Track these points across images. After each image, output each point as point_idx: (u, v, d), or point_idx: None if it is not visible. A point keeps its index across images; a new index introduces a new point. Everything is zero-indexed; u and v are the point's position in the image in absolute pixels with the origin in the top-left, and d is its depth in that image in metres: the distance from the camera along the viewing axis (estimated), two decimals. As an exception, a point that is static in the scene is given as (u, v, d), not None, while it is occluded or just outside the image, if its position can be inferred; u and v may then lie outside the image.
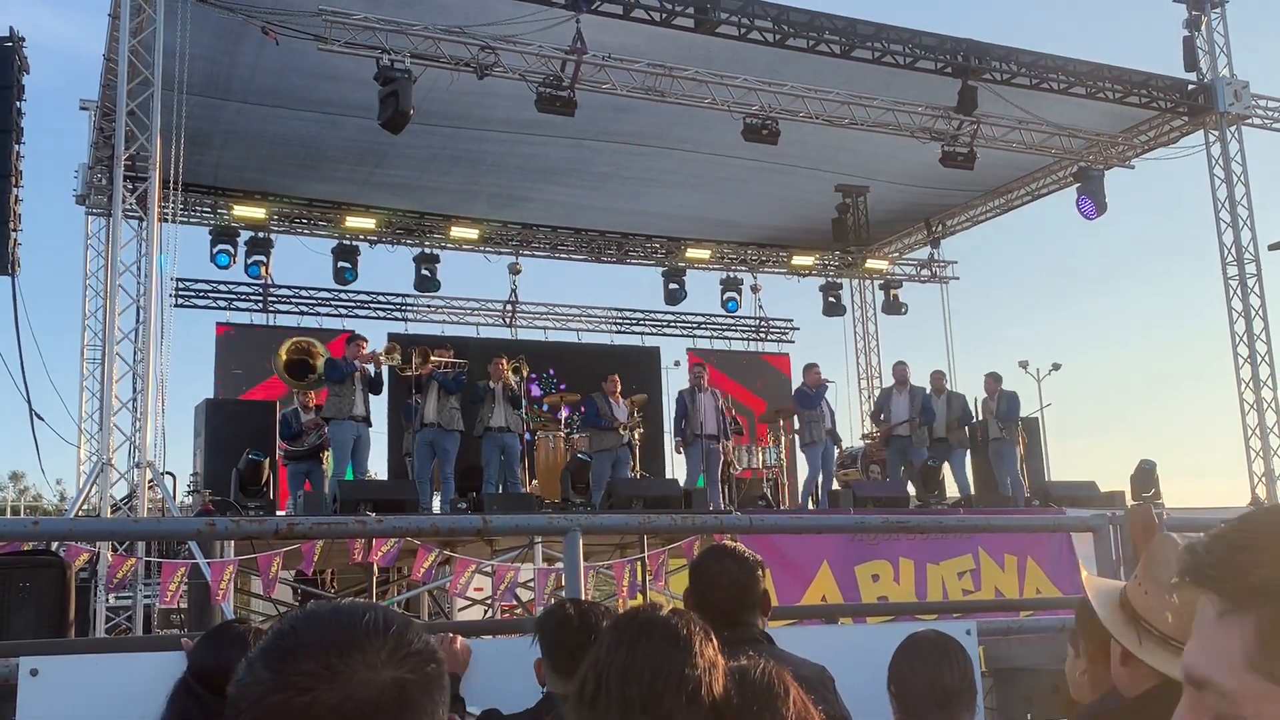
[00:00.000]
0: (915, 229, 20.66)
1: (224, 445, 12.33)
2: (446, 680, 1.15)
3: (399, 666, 1.09)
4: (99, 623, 9.96)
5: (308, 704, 1.05)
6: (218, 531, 4.11)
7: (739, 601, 2.85)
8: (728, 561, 2.92)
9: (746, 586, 2.87)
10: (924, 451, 14.41)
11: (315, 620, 1.12)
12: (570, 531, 3.51)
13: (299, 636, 1.10)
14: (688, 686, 1.81)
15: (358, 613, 1.13)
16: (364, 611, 1.13)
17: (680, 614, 1.95)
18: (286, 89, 13.52)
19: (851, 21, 13.41)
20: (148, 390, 11.08)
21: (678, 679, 1.81)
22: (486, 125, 14.70)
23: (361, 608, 1.14)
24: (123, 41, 11.12)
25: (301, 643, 1.09)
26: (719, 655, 1.89)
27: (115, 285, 11.39)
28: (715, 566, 2.92)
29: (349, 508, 10.32)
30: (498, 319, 20.25)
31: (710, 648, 1.88)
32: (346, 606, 1.15)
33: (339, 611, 1.14)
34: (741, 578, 2.88)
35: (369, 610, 1.13)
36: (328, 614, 1.13)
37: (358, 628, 1.10)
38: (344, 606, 1.15)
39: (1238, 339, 15.94)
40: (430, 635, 1.17)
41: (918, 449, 14.46)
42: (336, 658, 1.07)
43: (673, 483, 13.67)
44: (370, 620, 1.11)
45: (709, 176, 17.10)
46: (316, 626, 1.11)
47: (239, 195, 16.98)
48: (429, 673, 1.12)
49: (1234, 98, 15.80)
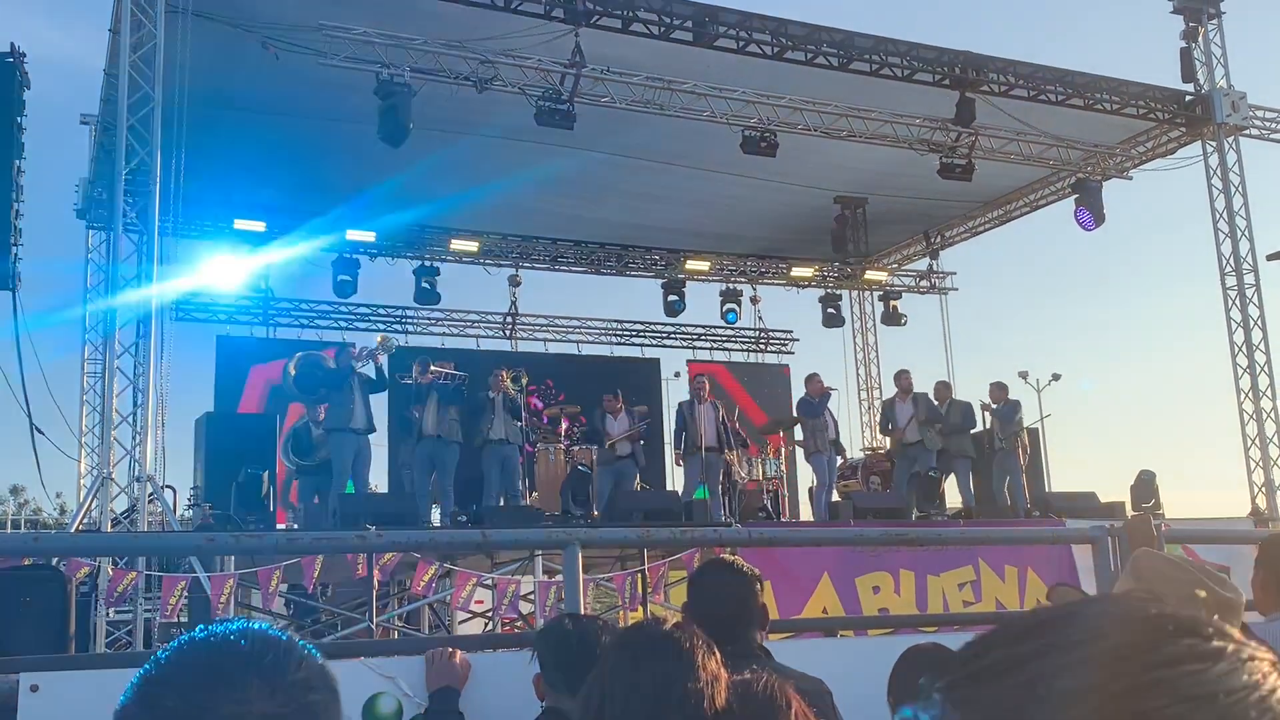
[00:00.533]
0: (914, 240, 20.69)
1: (224, 458, 12.34)
2: (335, 707, 1.10)
3: (271, 700, 1.03)
4: (100, 637, 9.95)
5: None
6: (218, 546, 4.12)
7: (737, 615, 2.85)
8: (726, 575, 2.92)
9: (745, 600, 2.88)
10: (934, 458, 14.37)
11: (187, 653, 1.07)
12: (569, 545, 3.52)
13: (168, 670, 1.05)
14: (691, 701, 1.82)
15: (232, 642, 1.07)
16: (240, 639, 1.08)
17: (683, 628, 1.96)
18: (287, 97, 13.53)
19: (850, 34, 13.46)
20: (148, 404, 11.09)
21: (681, 693, 1.82)
22: (487, 134, 14.71)
23: (238, 634, 1.09)
24: (123, 56, 11.15)
25: (170, 677, 1.04)
26: (721, 669, 1.90)
27: (115, 299, 11.40)
28: (714, 580, 2.92)
29: (350, 521, 10.32)
30: (498, 331, 20.26)
31: (713, 662, 1.89)
32: (223, 635, 1.09)
33: (213, 643, 1.08)
34: (740, 591, 2.88)
35: (245, 638, 1.08)
36: (201, 645, 1.08)
37: (228, 661, 1.05)
38: (221, 636, 1.09)
39: (1237, 349, 15.95)
40: (322, 661, 1.12)
41: (929, 454, 14.40)
42: (204, 695, 1.02)
43: (673, 495, 13.67)
44: (245, 650, 1.06)
45: (708, 190, 17.15)
46: (187, 660, 1.06)
47: (240, 208, 16.99)
48: (308, 703, 1.06)
49: (1231, 108, 15.83)
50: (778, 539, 4.29)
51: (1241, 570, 3.70)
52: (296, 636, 1.15)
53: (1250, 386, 15.81)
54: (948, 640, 3.60)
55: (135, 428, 11.31)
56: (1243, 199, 16.10)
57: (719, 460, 13.68)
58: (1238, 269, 15.99)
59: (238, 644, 1.08)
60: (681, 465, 14.07)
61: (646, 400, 16.69)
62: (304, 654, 1.10)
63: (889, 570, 11.03)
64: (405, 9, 11.87)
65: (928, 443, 14.37)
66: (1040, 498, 14.58)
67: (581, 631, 2.73)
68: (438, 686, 3.10)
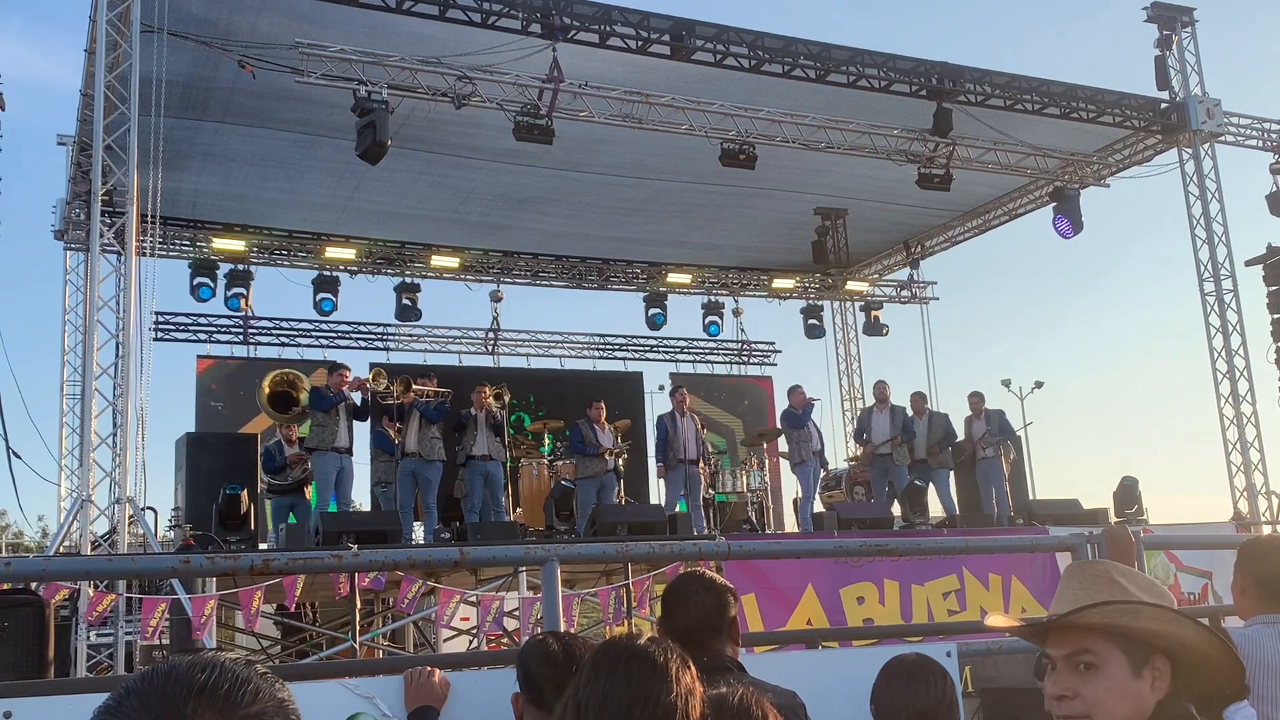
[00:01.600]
0: (895, 250, 20.77)
1: (205, 479, 12.25)
2: None
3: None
4: (80, 661, 9.86)
5: None
6: (194, 569, 4.08)
7: (710, 629, 2.86)
8: (698, 589, 2.93)
9: (718, 614, 2.88)
10: (905, 471, 14.44)
11: (146, 684, 1.07)
12: (548, 561, 3.49)
13: (128, 702, 1.06)
14: (664, 713, 1.81)
15: (192, 673, 1.08)
16: (199, 671, 1.08)
17: (658, 642, 1.95)
18: (264, 110, 13.50)
19: (826, 46, 13.52)
20: (127, 425, 11.01)
21: (655, 707, 1.81)
22: (465, 153, 14.73)
23: (200, 666, 1.09)
24: (98, 76, 11.10)
25: (127, 709, 1.05)
26: (696, 683, 1.89)
27: (94, 320, 11.33)
28: (686, 594, 2.93)
29: (331, 540, 10.27)
30: (480, 347, 20.22)
31: (688, 675, 1.88)
32: (184, 666, 1.09)
33: (174, 674, 1.08)
34: (712, 605, 2.89)
35: (205, 669, 1.08)
36: (161, 677, 1.08)
37: (182, 692, 1.05)
38: (182, 666, 1.09)
39: (1216, 354, 16.03)
40: (283, 696, 1.11)
41: (899, 468, 14.49)
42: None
43: (657, 508, 13.64)
44: (202, 681, 1.07)
45: (689, 204, 17.21)
46: (145, 691, 1.06)
47: (218, 228, 16.97)
48: None
49: (1206, 115, 15.96)
50: (756, 551, 4.28)
51: (1224, 574, 3.71)
52: (262, 668, 1.14)
53: (1230, 391, 15.89)
54: (931, 650, 3.60)
55: (115, 449, 11.22)
56: (1219, 205, 16.22)
57: (698, 472, 13.72)
58: (1215, 275, 16.09)
59: (195, 675, 1.07)
60: (663, 479, 14.08)
61: (629, 414, 16.68)
62: (262, 687, 1.10)
63: (873, 581, 11.03)
64: (382, 26, 11.88)
65: (898, 458, 14.45)
66: (1023, 505, 14.63)
67: (567, 650, 2.71)
68: (416, 706, 3.07)
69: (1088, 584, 2.03)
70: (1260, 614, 3.34)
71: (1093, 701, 1.90)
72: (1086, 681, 1.92)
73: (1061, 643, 1.96)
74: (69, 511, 11.10)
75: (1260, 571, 3.39)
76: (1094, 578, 2.04)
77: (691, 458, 13.58)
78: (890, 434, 14.58)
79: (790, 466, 15.04)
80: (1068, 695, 1.93)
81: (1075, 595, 2.01)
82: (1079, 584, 2.04)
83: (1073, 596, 2.01)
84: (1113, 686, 1.90)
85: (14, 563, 3.88)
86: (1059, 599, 2.05)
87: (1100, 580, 2.03)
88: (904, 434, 14.54)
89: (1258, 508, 15.46)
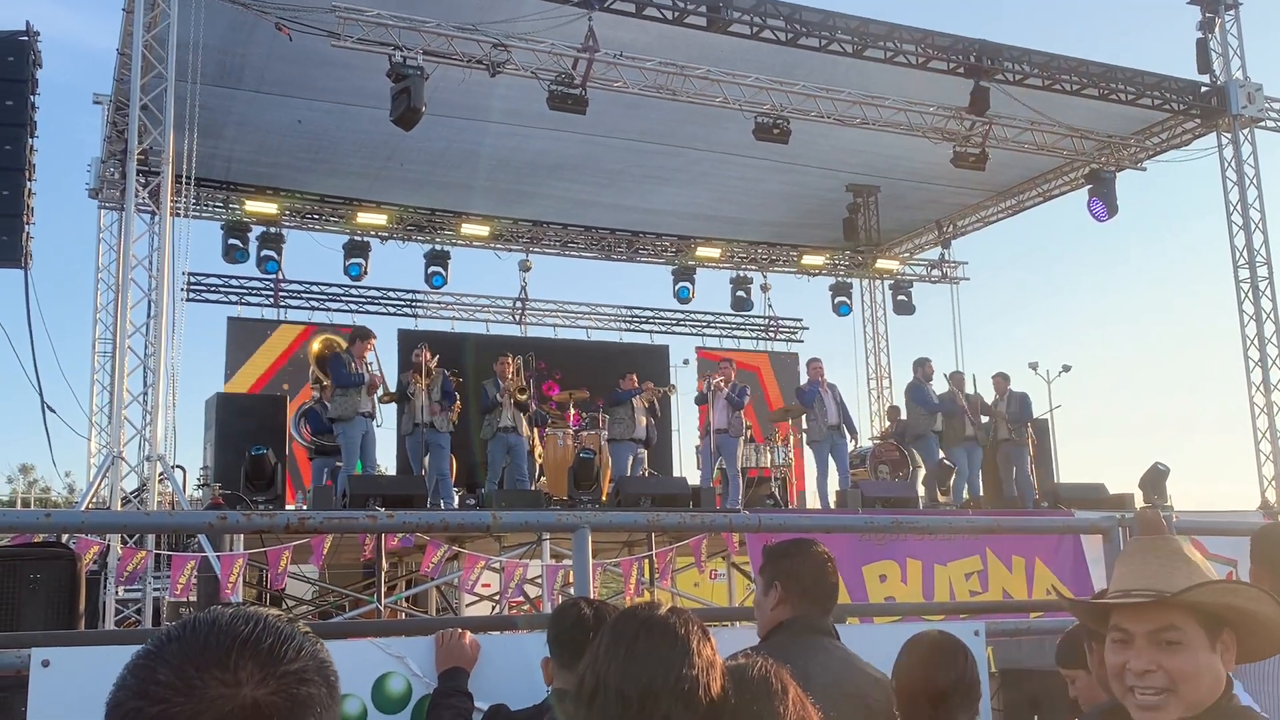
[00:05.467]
0: (926, 229, 20.64)
1: (234, 439, 12.33)
2: (331, 703, 1.09)
3: (262, 685, 1.04)
4: (108, 615, 10.00)
5: (156, 715, 1.01)
6: (229, 525, 4.13)
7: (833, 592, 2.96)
8: (819, 553, 2.98)
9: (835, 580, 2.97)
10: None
11: (189, 630, 1.07)
12: (579, 529, 3.51)
13: (168, 646, 1.06)
14: (684, 686, 1.82)
15: (235, 625, 1.07)
16: (243, 623, 1.07)
17: (679, 613, 1.96)
18: (300, 78, 13.50)
19: (864, 21, 13.40)
20: (159, 384, 11.12)
21: (675, 678, 1.82)
22: (498, 119, 14.70)
23: (244, 619, 1.08)
24: (136, 36, 11.15)
25: (167, 653, 1.05)
26: (716, 656, 1.90)
27: (127, 279, 11.42)
28: (814, 558, 2.97)
29: (358, 502, 10.35)
30: (507, 316, 20.26)
31: (708, 647, 1.89)
32: (229, 617, 1.09)
33: (217, 623, 1.08)
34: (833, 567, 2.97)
35: (249, 622, 1.08)
36: (205, 625, 1.08)
37: (225, 642, 1.05)
38: (225, 617, 1.09)
39: (1249, 342, 15.89)
40: (324, 656, 1.11)
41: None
42: (195, 671, 1.03)
43: (681, 481, 13.70)
44: (245, 633, 1.06)
45: (720, 175, 17.11)
46: (187, 637, 1.06)
47: (251, 190, 17.03)
48: (299, 695, 1.06)
49: (1247, 100, 15.74)
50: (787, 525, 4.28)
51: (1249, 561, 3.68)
52: (303, 626, 1.14)
53: (1262, 380, 15.76)
54: (959, 629, 3.61)
55: (145, 407, 11.34)
56: (1257, 191, 16.03)
57: (732, 443, 13.91)
58: (1251, 262, 15.93)
59: (238, 626, 1.08)
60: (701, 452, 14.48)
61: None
62: (305, 644, 1.10)
63: (896, 559, 11.03)
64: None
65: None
66: (1049, 489, 14.56)
67: (597, 615, 2.73)
68: (447, 667, 3.11)
69: (1165, 560, 2.06)
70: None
71: (1179, 676, 1.97)
72: (1171, 656, 1.98)
73: (1144, 619, 2.01)
74: (100, 467, 11.24)
75: (1275, 558, 3.35)
76: (1170, 554, 2.08)
77: (720, 427, 13.73)
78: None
79: (807, 442, 15.10)
80: (1152, 669, 1.97)
81: (1154, 571, 2.04)
82: (1156, 560, 2.07)
83: (1151, 573, 2.05)
84: (1199, 661, 1.98)
85: (54, 514, 3.93)
86: (1129, 574, 2.08)
87: (1177, 557, 2.07)
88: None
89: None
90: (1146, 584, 2.02)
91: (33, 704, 2.74)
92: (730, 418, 13.91)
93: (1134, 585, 2.04)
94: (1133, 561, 2.11)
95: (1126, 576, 2.09)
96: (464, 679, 3.10)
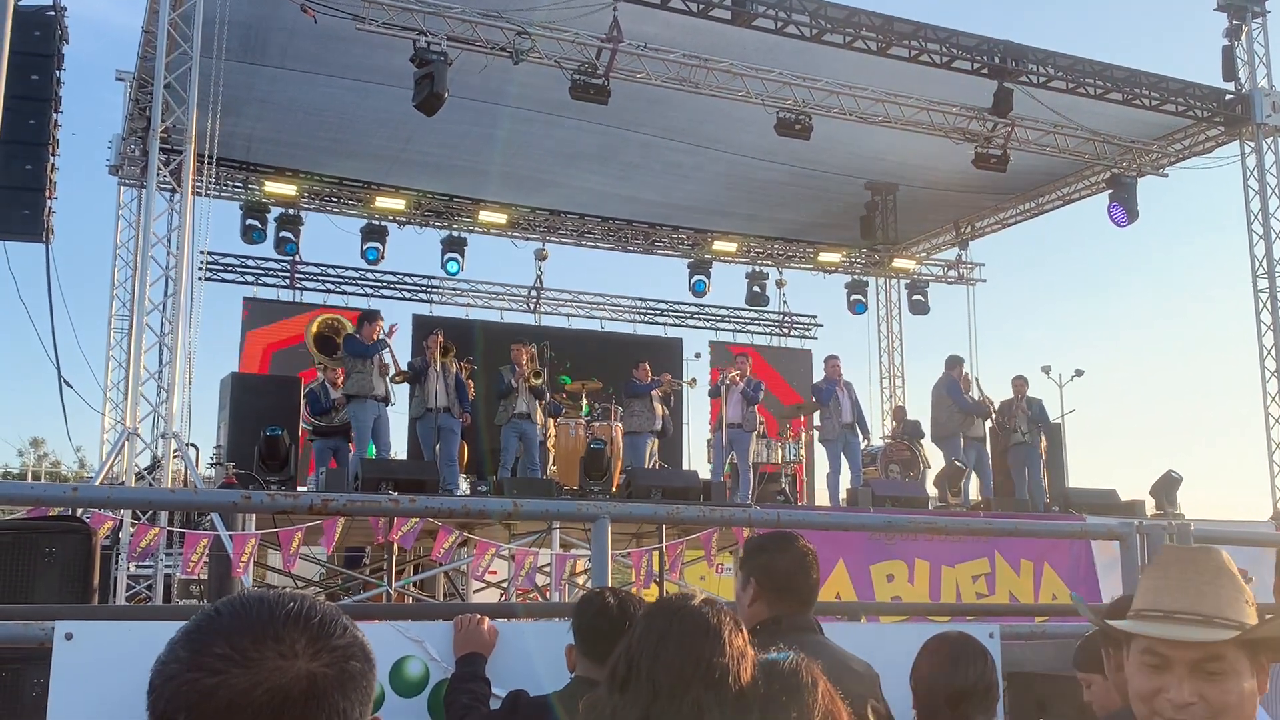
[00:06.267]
0: (944, 229, 20.59)
1: (248, 419, 12.38)
2: (371, 680, 1.12)
3: (315, 659, 1.06)
4: (120, 590, 10.06)
5: (214, 686, 1.03)
6: (253, 504, 4.15)
7: (814, 588, 2.92)
8: (799, 548, 2.96)
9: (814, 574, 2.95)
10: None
11: (238, 605, 1.10)
12: (599, 518, 3.53)
13: (219, 620, 1.08)
14: (715, 674, 1.84)
15: (282, 601, 1.10)
16: (289, 600, 1.11)
17: (711, 603, 1.98)
18: (323, 55, 13.47)
19: (889, 19, 13.36)
20: (175, 362, 11.16)
21: (706, 667, 1.84)
22: (519, 104, 14.68)
23: (288, 597, 1.12)
24: (162, 14, 11.18)
25: (219, 626, 1.07)
26: (748, 646, 1.92)
27: (146, 256, 11.46)
28: (793, 553, 2.95)
29: (370, 486, 10.38)
30: (522, 304, 20.27)
31: (740, 638, 1.91)
32: (273, 595, 1.12)
33: (264, 599, 1.11)
34: (814, 563, 2.94)
35: (294, 600, 1.11)
36: (253, 600, 1.11)
37: (277, 616, 1.08)
38: (270, 594, 1.12)
39: (1266, 353, 15.82)
40: (362, 636, 1.14)
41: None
42: (250, 643, 1.05)
43: (692, 474, 13.73)
44: (293, 609, 1.09)
45: (739, 175, 17.12)
46: (237, 611, 1.09)
47: (270, 171, 17.06)
48: (348, 670, 1.09)
49: (1272, 109, 15.67)
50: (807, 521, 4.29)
51: (1261, 573, 3.69)
52: (336, 609, 1.17)
53: (1277, 390, 15.70)
54: (974, 631, 3.61)
55: (161, 384, 11.39)
56: (1279, 201, 15.95)
57: (745, 437, 13.94)
58: (1270, 271, 15.85)
59: (286, 603, 1.11)
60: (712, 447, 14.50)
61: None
62: (348, 624, 1.13)
63: (904, 559, 11.04)
64: (444, -24, 11.86)
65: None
66: (1060, 493, 14.55)
67: (621, 605, 2.74)
68: (465, 652, 3.12)
69: (1210, 578, 1.85)
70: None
71: (1222, 707, 1.79)
72: (1214, 685, 1.80)
73: (1188, 645, 1.80)
74: (115, 443, 11.28)
75: None
76: (1215, 571, 1.86)
77: (734, 421, 13.75)
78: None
79: (819, 440, 15.11)
80: (1193, 701, 1.79)
81: (1200, 591, 1.83)
82: (1199, 576, 1.85)
83: (1196, 592, 1.83)
84: (1242, 689, 1.82)
85: (81, 489, 3.96)
86: (1168, 590, 1.86)
87: (1222, 574, 1.86)
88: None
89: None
90: (1193, 606, 1.81)
91: (56, 676, 2.76)
92: (745, 412, 13.92)
93: (1178, 607, 1.82)
94: (1170, 575, 1.88)
95: (1165, 593, 1.86)
96: (482, 664, 3.11)
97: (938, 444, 15.06)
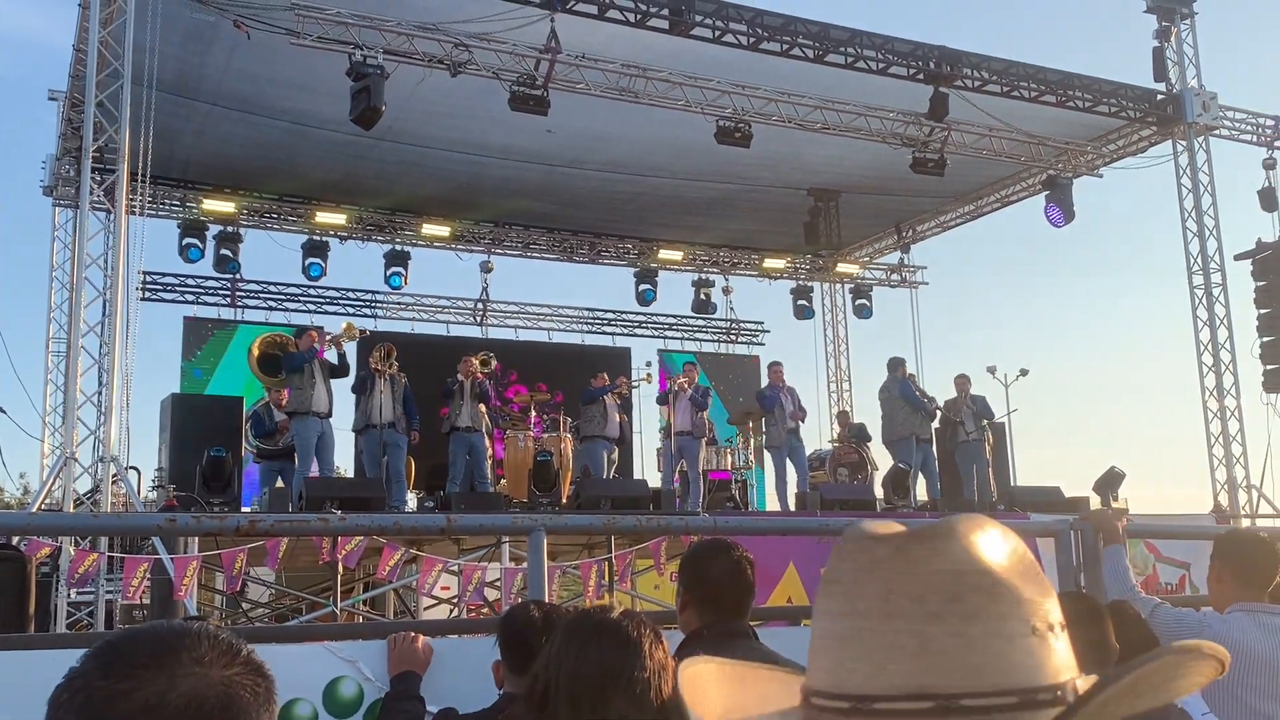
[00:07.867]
0: (886, 233, 20.76)
1: (189, 440, 12.21)
2: (275, 702, 1.11)
3: (228, 669, 1.06)
4: (60, 618, 9.86)
5: (129, 690, 1.01)
6: (179, 527, 4.08)
7: (745, 595, 2.86)
8: (732, 556, 2.91)
9: (748, 579, 2.88)
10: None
11: (145, 627, 1.11)
12: (534, 531, 3.50)
13: (127, 639, 1.08)
14: (636, 689, 1.81)
15: (186, 623, 1.12)
16: (193, 622, 1.12)
17: (631, 616, 1.95)
18: (257, 96, 13.46)
19: (825, 27, 13.46)
20: (113, 384, 10.98)
21: (627, 681, 1.81)
22: (460, 148, 14.71)
23: (188, 622, 1.13)
24: (92, 32, 11.01)
25: (128, 644, 1.06)
26: (669, 658, 1.89)
27: (81, 278, 11.28)
28: (716, 559, 2.88)
29: (314, 505, 10.25)
30: (468, 317, 20.18)
31: (660, 650, 1.88)
32: (174, 621, 1.15)
33: (170, 622, 1.12)
34: (747, 570, 2.88)
35: (195, 624, 1.12)
36: (159, 623, 1.12)
37: (188, 631, 1.09)
38: (169, 621, 1.15)
39: (1203, 347, 16.10)
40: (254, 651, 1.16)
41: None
42: (165, 652, 1.05)
43: (641, 483, 13.72)
44: (199, 627, 1.10)
45: (685, 199, 17.42)
46: (145, 631, 1.09)
47: (208, 188, 16.85)
48: (262, 683, 1.09)
49: (1202, 108, 15.97)
50: (744, 528, 4.29)
51: (1203, 565, 3.75)
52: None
53: (1215, 384, 15.96)
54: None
55: (99, 408, 11.19)
56: (1211, 198, 16.25)
57: (694, 444, 13.94)
58: (1205, 268, 16.14)
59: (189, 625, 1.10)
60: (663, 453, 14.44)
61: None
62: (251, 649, 1.12)
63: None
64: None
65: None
66: (1005, 491, 14.68)
67: (546, 618, 2.71)
68: (399, 671, 3.09)
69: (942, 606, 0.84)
70: (1239, 602, 3.40)
71: None
72: None
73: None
74: (52, 469, 11.08)
75: (1239, 561, 3.47)
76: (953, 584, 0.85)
77: (683, 429, 13.76)
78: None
79: (765, 446, 15.15)
80: None
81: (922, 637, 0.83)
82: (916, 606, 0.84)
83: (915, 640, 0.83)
84: None
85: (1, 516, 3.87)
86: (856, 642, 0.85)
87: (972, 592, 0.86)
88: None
89: (1238, 501, 15.56)
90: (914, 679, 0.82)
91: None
92: (694, 419, 13.92)
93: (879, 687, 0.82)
94: (861, 604, 0.86)
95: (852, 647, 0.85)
96: (416, 683, 3.08)
97: (889, 447, 15.11)
